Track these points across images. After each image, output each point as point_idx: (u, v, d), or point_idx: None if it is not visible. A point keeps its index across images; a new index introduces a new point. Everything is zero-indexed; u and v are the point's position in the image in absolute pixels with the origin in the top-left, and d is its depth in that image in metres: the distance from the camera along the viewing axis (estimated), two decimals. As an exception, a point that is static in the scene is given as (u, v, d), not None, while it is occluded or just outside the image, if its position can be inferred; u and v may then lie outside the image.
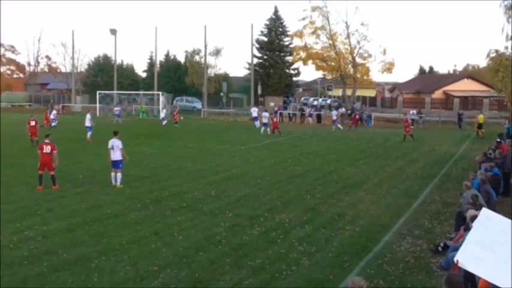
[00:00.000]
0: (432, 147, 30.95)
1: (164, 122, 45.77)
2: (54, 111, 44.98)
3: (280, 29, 77.43)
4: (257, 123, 42.95)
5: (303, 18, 60.13)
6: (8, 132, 35.82)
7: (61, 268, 10.34)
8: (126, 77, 78.10)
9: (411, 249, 11.75)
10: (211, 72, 70.04)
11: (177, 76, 75.94)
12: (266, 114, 39.34)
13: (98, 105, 58.05)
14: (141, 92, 66.32)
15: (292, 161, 25.10)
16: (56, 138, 21.77)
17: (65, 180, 18.66)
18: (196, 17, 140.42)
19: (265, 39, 76.96)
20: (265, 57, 77.06)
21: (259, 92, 65.46)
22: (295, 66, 76.16)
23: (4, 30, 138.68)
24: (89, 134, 32.66)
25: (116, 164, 18.12)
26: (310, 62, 61.86)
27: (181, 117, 47.60)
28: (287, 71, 77.80)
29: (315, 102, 66.69)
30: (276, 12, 77.20)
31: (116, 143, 18.11)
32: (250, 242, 12.23)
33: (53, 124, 40.83)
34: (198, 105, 65.27)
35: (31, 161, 23.41)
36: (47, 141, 18.06)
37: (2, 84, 79.43)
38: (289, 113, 54.48)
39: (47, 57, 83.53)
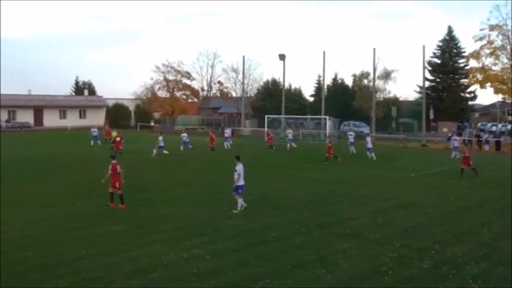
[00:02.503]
0: None
1: (289, 145, 45.63)
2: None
3: (455, 50, 73.83)
4: (352, 149, 40.75)
5: (480, 38, 56.62)
6: (184, 153, 38.63)
7: None
8: (294, 102, 79.77)
9: None
10: (380, 96, 68.77)
11: (344, 100, 75.80)
12: (457, 138, 37.66)
13: (265, 129, 59.82)
14: (308, 117, 67.20)
15: (467, 190, 23.48)
16: (223, 160, 23.27)
17: (232, 203, 19.20)
18: (365, 40, 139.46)
19: (438, 61, 73.85)
20: (437, 80, 73.90)
21: (431, 116, 62.66)
22: (471, 89, 71.91)
23: (180, 57, 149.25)
24: (165, 152, 36.40)
25: (241, 189, 18.00)
26: (488, 84, 57.75)
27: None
28: (462, 94, 73.72)
29: (493, 128, 62.07)
30: (450, 32, 73.90)
31: (241, 168, 18.04)
32: (418, 275, 11.57)
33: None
34: (365, 130, 64.23)
35: (202, 182, 24.98)
36: (114, 161, 18.76)
37: (178, 109, 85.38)
38: (464, 140, 51.39)
39: (219, 82, 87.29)
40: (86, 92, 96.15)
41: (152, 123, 78.68)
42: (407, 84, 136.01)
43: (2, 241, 13.69)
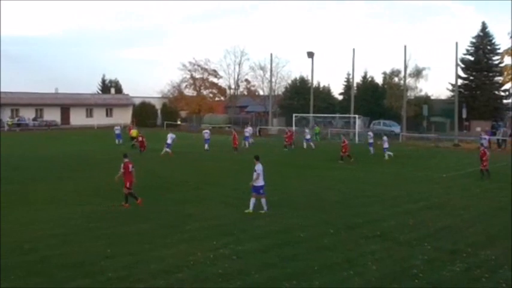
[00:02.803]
0: None
1: (306, 144, 44.48)
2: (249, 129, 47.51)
3: (489, 47, 72.09)
4: (372, 149, 39.77)
5: (515, 35, 55.39)
6: (208, 152, 38.67)
7: (252, 289, 10.46)
8: (322, 100, 78.85)
9: None
10: (411, 94, 67.59)
11: (374, 98, 74.77)
12: (486, 137, 36.97)
13: (293, 128, 59.23)
14: (337, 115, 66.47)
15: (500, 191, 22.86)
16: (248, 160, 23.18)
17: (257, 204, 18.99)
18: (395, 37, 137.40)
19: (472, 58, 72.30)
20: (471, 77, 72.34)
21: (464, 115, 61.36)
22: (505, 87, 70.14)
23: (207, 55, 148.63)
24: (166, 150, 36.33)
25: (262, 189, 17.76)
26: (523, 82, 56.52)
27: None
28: (496, 92, 72.04)
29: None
30: (483, 28, 72.21)
31: (260, 168, 17.71)
32: (450, 278, 11.24)
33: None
34: (396, 129, 63.23)
35: (227, 181, 24.87)
36: (127, 160, 18.52)
37: (204, 107, 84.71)
38: (498, 139, 50.24)
39: (246, 80, 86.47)
40: (112, 90, 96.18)
41: (179, 122, 78.74)
42: (439, 82, 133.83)
43: (28, 239, 13.83)
